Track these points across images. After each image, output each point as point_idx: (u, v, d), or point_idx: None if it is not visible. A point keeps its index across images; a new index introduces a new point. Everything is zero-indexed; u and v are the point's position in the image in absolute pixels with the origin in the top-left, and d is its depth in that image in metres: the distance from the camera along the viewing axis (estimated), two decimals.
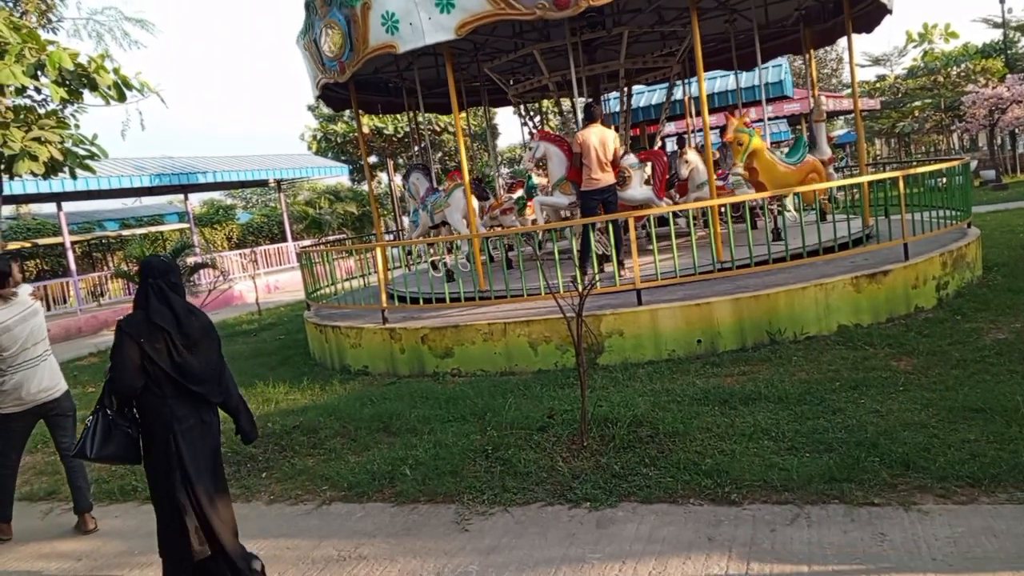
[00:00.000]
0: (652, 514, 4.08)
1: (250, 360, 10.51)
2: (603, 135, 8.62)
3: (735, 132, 8.95)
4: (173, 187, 22.22)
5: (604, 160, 8.57)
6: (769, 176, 9.07)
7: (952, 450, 4.23)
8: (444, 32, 7.97)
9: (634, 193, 9.24)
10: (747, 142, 8.91)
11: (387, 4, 8.22)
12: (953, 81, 32.86)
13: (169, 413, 3.57)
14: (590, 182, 8.63)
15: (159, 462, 3.62)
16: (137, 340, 3.52)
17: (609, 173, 8.67)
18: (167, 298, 3.65)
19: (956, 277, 8.23)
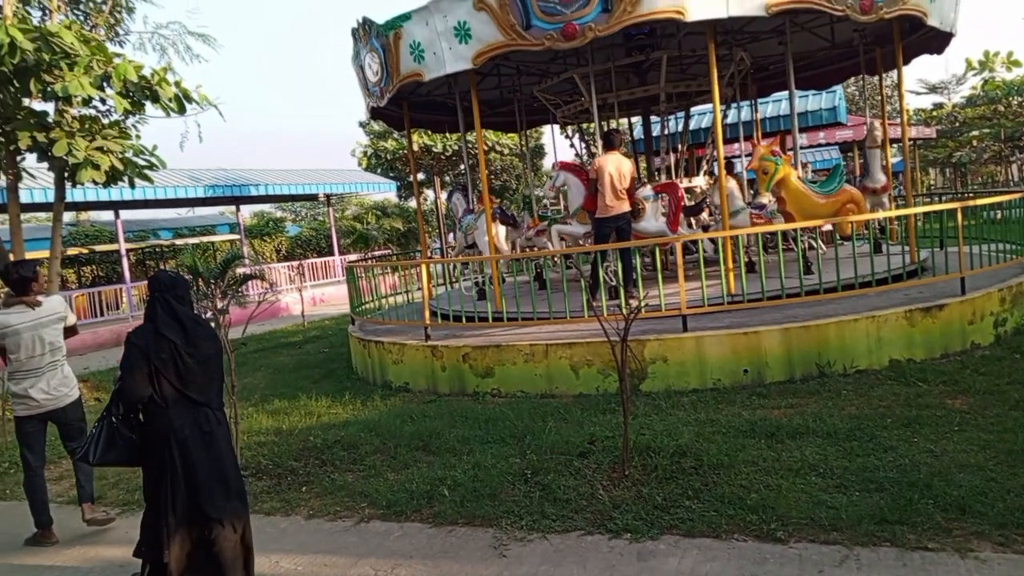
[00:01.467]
0: (695, 548, 3.99)
1: (294, 372, 10.64)
2: (619, 163, 8.66)
3: (760, 160, 8.73)
4: (225, 198, 22.74)
5: (619, 188, 8.58)
6: (798, 206, 8.74)
7: (1012, 495, 4.06)
8: (463, 62, 8.36)
9: (647, 225, 9.14)
10: (773, 170, 8.67)
11: (415, 34, 8.69)
12: (1015, 111, 32.03)
13: (167, 422, 3.71)
14: (604, 209, 8.66)
15: (153, 468, 3.78)
16: (144, 351, 3.68)
17: (624, 201, 8.67)
18: (174, 310, 3.80)
19: (1015, 314, 7.95)
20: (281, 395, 8.89)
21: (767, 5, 7.46)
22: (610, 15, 7.55)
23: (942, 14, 9.00)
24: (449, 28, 8.30)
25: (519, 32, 7.88)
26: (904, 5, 8.27)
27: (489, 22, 8.00)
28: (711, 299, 7.62)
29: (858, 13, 7.96)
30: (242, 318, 7.79)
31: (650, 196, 9.25)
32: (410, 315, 9.31)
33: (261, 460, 6.17)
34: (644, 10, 7.47)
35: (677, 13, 7.43)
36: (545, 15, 7.71)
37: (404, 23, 8.83)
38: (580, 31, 7.67)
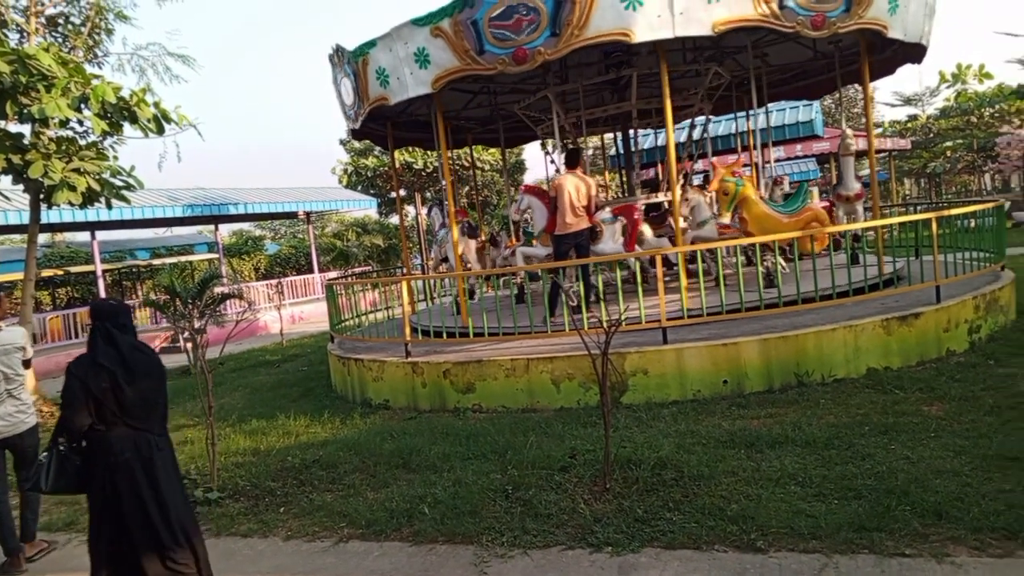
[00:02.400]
0: (676, 560, 3.98)
1: (272, 391, 10.54)
2: (580, 182, 8.79)
3: (721, 182, 8.73)
4: (204, 217, 22.62)
5: (577, 206, 8.71)
6: (759, 227, 8.69)
7: (987, 500, 4.09)
8: (423, 86, 8.62)
9: (605, 247, 9.22)
10: (733, 191, 8.69)
11: (380, 60, 8.97)
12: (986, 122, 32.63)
13: (106, 448, 3.75)
14: (563, 226, 8.79)
15: (94, 494, 3.83)
16: (83, 380, 3.72)
17: (582, 219, 8.78)
18: (113, 339, 3.85)
19: (989, 321, 8.05)
20: (259, 415, 8.80)
21: (713, 25, 7.50)
22: (558, 39, 7.70)
23: (905, 26, 8.87)
24: (410, 54, 8.58)
25: (473, 57, 8.13)
26: (860, 19, 8.17)
27: (445, 48, 8.26)
28: (690, 311, 7.66)
29: (810, 29, 7.91)
30: (220, 337, 7.72)
31: (608, 218, 9.35)
32: (390, 332, 9.28)
33: (238, 481, 6.10)
34: (591, 33, 7.60)
35: (623, 35, 7.54)
36: (497, 41, 7.93)
37: (370, 50, 9.10)
38: (530, 55, 7.87)
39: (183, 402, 10.46)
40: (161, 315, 16.59)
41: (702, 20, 7.49)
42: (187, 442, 7.81)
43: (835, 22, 8.00)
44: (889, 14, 8.44)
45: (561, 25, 7.63)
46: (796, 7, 7.74)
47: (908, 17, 8.79)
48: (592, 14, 7.51)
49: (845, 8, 7.99)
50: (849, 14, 8.04)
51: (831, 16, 7.97)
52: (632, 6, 7.43)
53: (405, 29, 8.53)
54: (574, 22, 7.57)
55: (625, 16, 7.47)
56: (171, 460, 4.01)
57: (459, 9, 7.99)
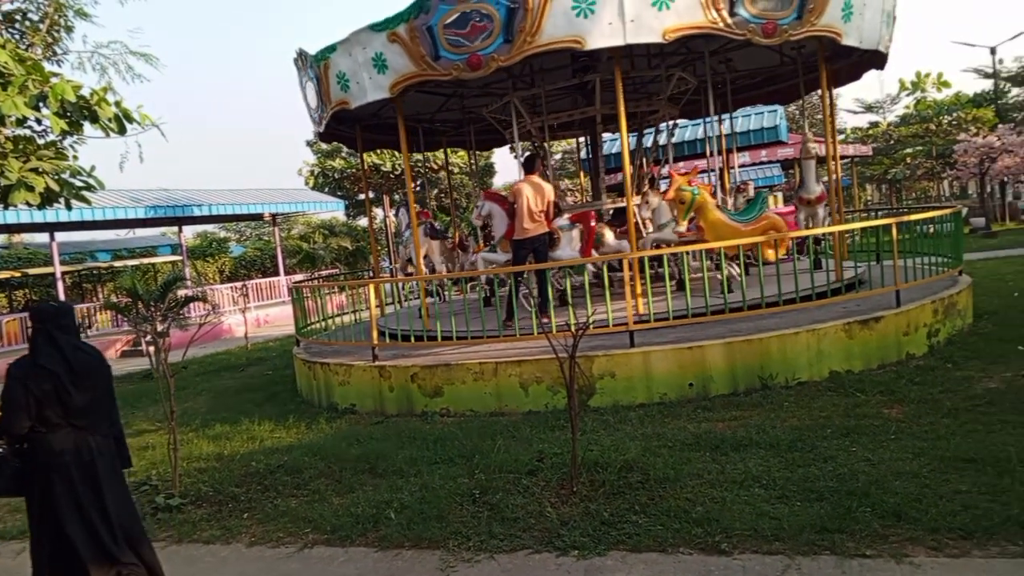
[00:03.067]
0: (641, 563, 4.00)
1: (236, 396, 10.40)
2: (538, 187, 8.85)
3: (677, 191, 8.77)
4: (168, 219, 22.25)
5: (535, 211, 8.78)
6: (716, 235, 8.74)
7: (944, 501, 4.18)
8: (382, 91, 8.71)
9: (562, 253, 9.30)
10: (689, 200, 8.74)
11: (340, 65, 9.09)
12: (945, 129, 33.38)
13: (46, 450, 3.72)
14: (521, 231, 8.86)
15: (32, 495, 3.79)
16: (24, 383, 3.69)
17: (540, 224, 8.85)
18: (55, 340, 3.82)
19: (947, 325, 8.23)
20: (223, 419, 8.67)
21: (664, 32, 7.54)
22: (512, 46, 7.76)
23: (861, 34, 8.88)
24: (368, 59, 8.64)
25: (429, 63, 8.21)
26: (813, 27, 8.19)
27: (402, 54, 8.33)
28: (657, 315, 7.72)
29: (761, 37, 7.92)
30: (184, 341, 7.60)
31: (566, 225, 9.41)
32: (357, 335, 9.21)
33: (201, 487, 6.00)
34: (543, 40, 7.65)
35: (575, 43, 7.60)
36: (451, 47, 8.01)
37: (331, 54, 9.19)
38: (484, 61, 7.93)
39: (145, 407, 10.28)
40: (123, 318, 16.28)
41: (653, 27, 7.53)
42: (148, 447, 7.67)
43: (787, 30, 8.04)
44: (843, 21, 8.49)
45: (514, 32, 7.69)
46: (747, 15, 7.78)
47: (864, 24, 8.85)
48: (544, 21, 7.57)
49: (797, 16, 8.03)
50: (801, 22, 8.07)
51: (782, 24, 7.99)
52: (584, 14, 7.48)
53: (363, 34, 8.61)
54: (527, 29, 7.63)
55: (577, 24, 7.52)
56: (113, 464, 3.95)
57: (414, 15, 8.07)
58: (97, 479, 3.78)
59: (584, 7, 7.45)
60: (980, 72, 37.04)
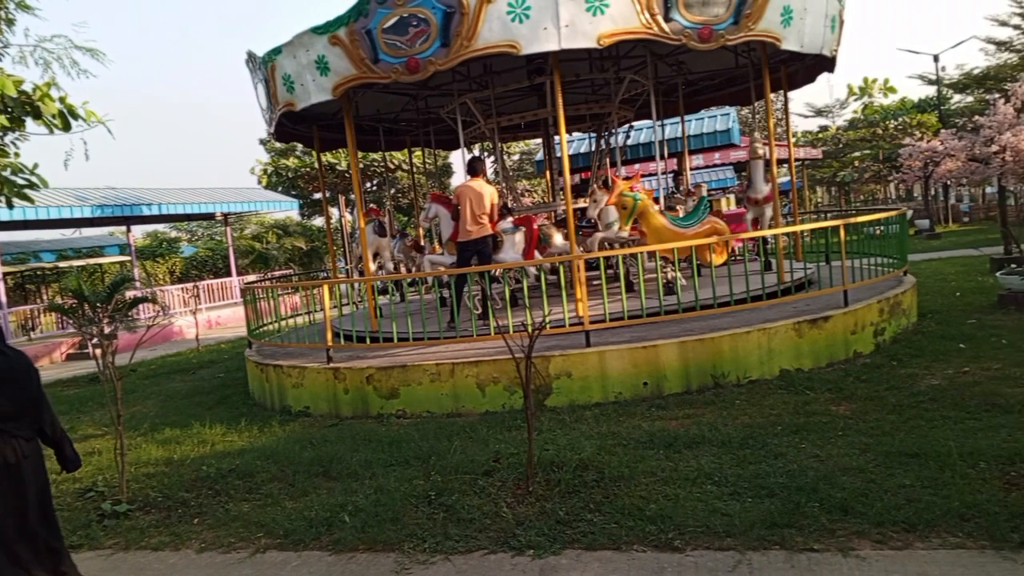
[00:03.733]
0: (596, 562, 4.02)
1: (187, 399, 10.19)
2: (480, 189, 8.94)
3: (619, 196, 8.83)
4: (115, 218, 21.69)
5: (478, 213, 8.87)
6: (657, 239, 8.82)
7: (889, 495, 4.29)
8: (325, 93, 8.74)
9: (505, 256, 9.36)
10: (631, 206, 8.81)
11: (285, 67, 9.14)
12: (891, 133, 34.32)
13: None
14: (464, 234, 8.96)
15: None
16: None
17: (483, 226, 8.95)
18: None
19: (893, 323, 8.46)
20: (172, 423, 8.49)
21: (599, 37, 7.57)
22: (449, 49, 7.80)
23: (802, 38, 8.86)
24: (311, 61, 8.69)
25: (368, 66, 8.25)
26: (751, 32, 8.18)
27: (343, 56, 8.36)
28: (612, 314, 7.79)
29: (697, 42, 7.93)
30: (132, 343, 7.41)
31: (509, 229, 9.47)
32: (311, 337, 9.10)
33: (149, 492, 5.86)
34: (479, 45, 7.69)
35: (511, 47, 7.64)
36: (390, 50, 8.03)
37: (276, 57, 9.22)
38: (422, 65, 7.96)
39: (91, 411, 10.01)
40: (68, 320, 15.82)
41: (587, 33, 7.56)
42: (95, 453, 7.47)
43: (723, 34, 8.04)
44: (782, 26, 8.49)
45: (451, 36, 7.72)
46: (682, 20, 7.79)
47: (805, 29, 8.86)
48: (480, 26, 7.59)
49: (733, 21, 8.03)
50: (738, 27, 8.07)
51: (718, 29, 8.00)
52: (519, 19, 7.51)
53: (306, 37, 8.64)
54: (463, 33, 7.66)
55: (512, 28, 7.56)
56: (38, 469, 3.85)
57: (354, 19, 8.10)
58: (23, 483, 3.68)
59: (519, 12, 7.49)
60: (924, 79, 38.22)
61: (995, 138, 13.00)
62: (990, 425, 5.26)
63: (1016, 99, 13.06)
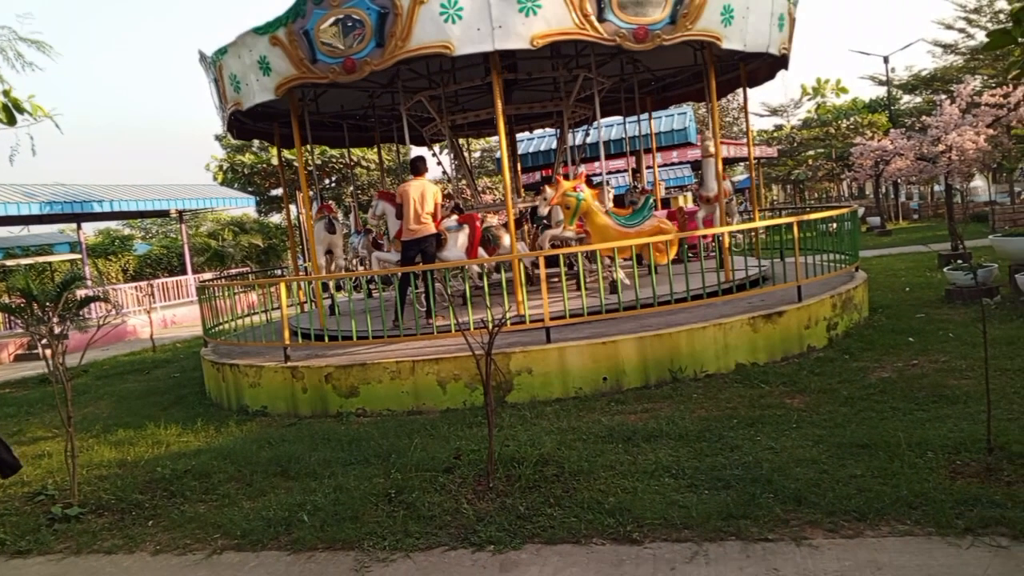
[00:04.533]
0: (556, 555, 4.05)
1: (141, 399, 9.99)
2: (423, 188, 8.99)
3: (563, 196, 8.85)
4: (65, 215, 21.10)
5: (420, 212, 8.92)
6: (602, 238, 8.87)
7: (840, 485, 4.39)
8: (268, 92, 8.84)
9: (449, 254, 9.42)
10: (575, 206, 8.84)
11: (231, 67, 9.26)
12: (843, 133, 35.07)
13: None
14: (407, 232, 9.02)
15: None
16: None
17: (426, 225, 8.99)
18: None
19: (845, 318, 8.66)
20: (126, 424, 8.31)
21: (532, 38, 7.59)
22: (383, 50, 7.84)
23: (745, 37, 8.78)
24: (255, 61, 8.75)
25: (307, 66, 8.32)
26: (689, 31, 8.12)
27: (283, 57, 8.44)
28: (572, 311, 7.84)
29: (632, 42, 7.89)
30: (84, 343, 7.24)
31: (453, 227, 9.49)
32: (268, 336, 8.99)
33: (102, 495, 5.73)
34: (413, 45, 7.73)
35: (444, 48, 7.68)
36: (328, 50, 8.10)
37: (222, 57, 9.32)
38: (358, 65, 8.02)
39: (41, 413, 9.74)
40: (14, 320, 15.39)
41: (520, 33, 7.59)
42: (45, 455, 7.28)
43: (660, 35, 8.00)
44: (723, 26, 8.43)
45: (386, 37, 7.76)
46: (616, 21, 7.76)
47: (748, 27, 8.79)
48: (414, 27, 7.63)
49: (670, 21, 8.00)
50: (675, 27, 8.04)
51: (654, 29, 7.96)
52: (451, 19, 7.55)
53: (248, 37, 8.70)
54: (397, 34, 7.69)
55: (445, 29, 7.59)
56: None
57: (292, 19, 8.19)
58: None
59: (452, 13, 7.52)
60: (875, 80, 39.12)
61: (941, 138, 13.37)
62: (937, 416, 5.42)
63: (961, 100, 13.43)
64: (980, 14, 29.79)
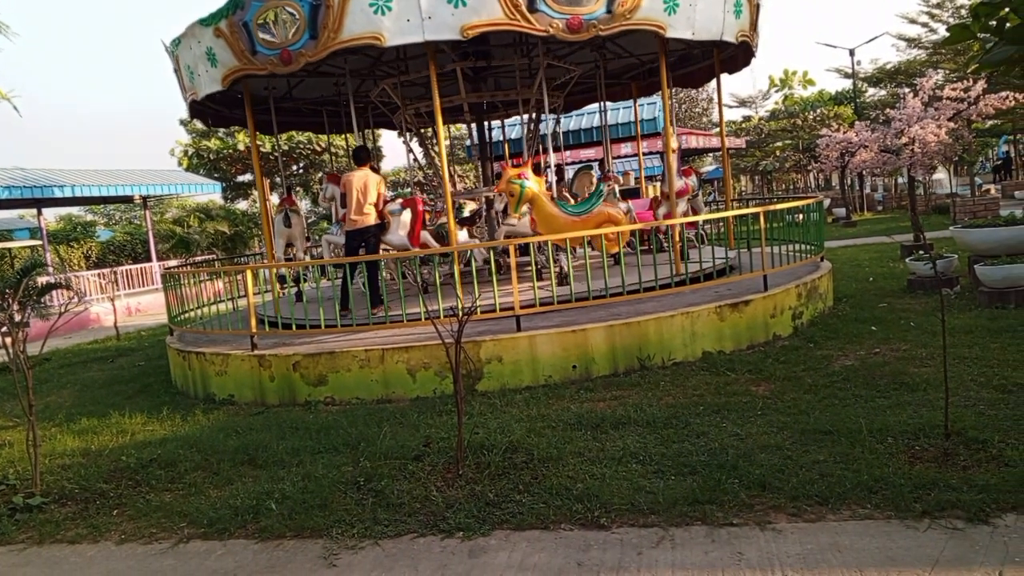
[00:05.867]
0: (524, 541, 4.09)
1: (105, 388, 9.83)
2: (366, 179, 9.01)
3: (507, 183, 8.81)
4: (25, 200, 20.59)
5: (363, 203, 8.94)
6: (547, 227, 8.86)
7: (804, 471, 4.48)
8: (216, 84, 8.96)
9: (392, 238, 9.44)
10: (519, 193, 8.78)
11: (185, 58, 9.42)
12: (810, 124, 35.45)
13: None
14: (350, 223, 9.05)
15: None
16: None
17: (367, 216, 9.00)
18: None
19: (810, 307, 8.80)
20: (90, 413, 8.18)
21: (462, 29, 7.57)
22: (317, 42, 7.88)
23: (693, 25, 8.56)
24: (203, 53, 8.85)
25: (248, 58, 8.41)
26: (627, 21, 7.95)
27: (226, 48, 8.52)
28: (542, 299, 7.86)
29: (567, 33, 7.79)
30: (45, 331, 7.11)
31: (397, 210, 9.49)
32: (235, 324, 8.89)
33: (65, 484, 5.65)
34: (345, 36, 7.75)
35: (375, 39, 7.69)
36: (265, 42, 8.21)
37: (177, 48, 9.45)
38: (294, 56, 8.08)
39: (0, 402, 9.55)
40: None
41: (450, 24, 7.57)
42: (5, 445, 7.15)
43: (596, 24, 7.85)
44: (667, 14, 8.25)
45: (319, 28, 7.79)
46: (548, 10, 7.67)
47: (696, 15, 8.56)
48: (345, 18, 7.64)
49: (606, 10, 7.85)
50: (612, 16, 7.88)
51: (589, 19, 7.81)
52: (380, 11, 7.55)
53: (196, 28, 8.78)
54: (329, 26, 7.72)
55: (375, 20, 7.59)
56: None
57: (232, 12, 8.24)
58: None
59: (381, 4, 7.52)
60: (841, 72, 39.62)
61: (904, 130, 13.61)
62: (898, 403, 5.55)
63: (924, 94, 13.68)
64: (942, 9, 30.29)
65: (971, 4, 3.49)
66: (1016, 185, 30.09)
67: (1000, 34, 3.25)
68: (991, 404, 5.30)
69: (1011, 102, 13.27)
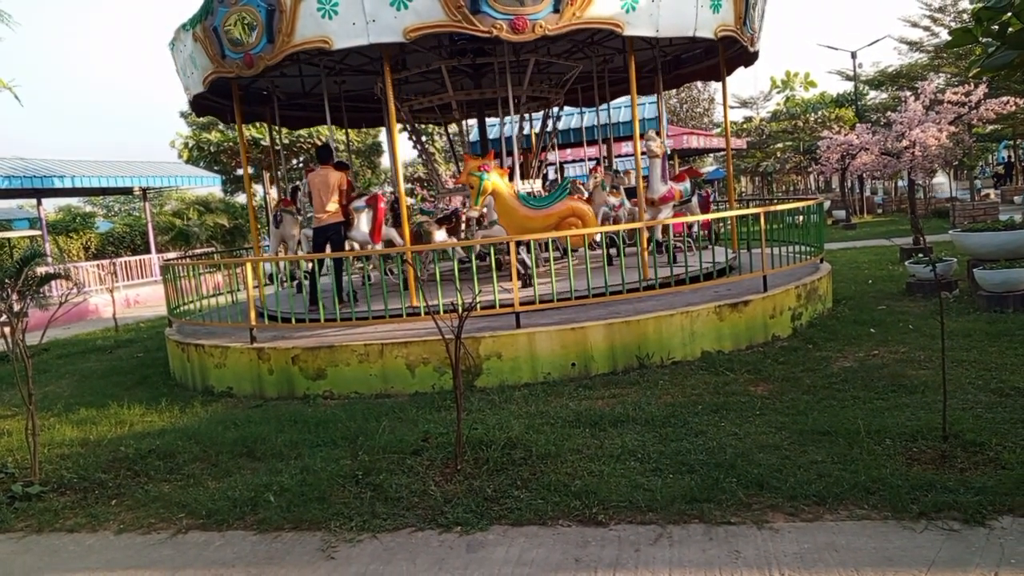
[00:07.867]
0: (522, 536, 4.10)
1: (104, 379, 9.83)
2: (327, 177, 9.17)
3: (468, 175, 8.80)
4: (25, 191, 20.57)
5: (325, 201, 9.13)
6: (508, 220, 8.83)
7: (801, 470, 4.50)
8: (199, 85, 9.56)
9: (356, 234, 9.51)
10: (478, 185, 8.73)
11: (177, 58, 10.09)
12: (811, 126, 35.49)
13: None
14: (316, 220, 9.26)
15: None
16: None
17: (331, 214, 9.16)
18: None
19: (809, 308, 8.82)
20: (89, 403, 8.18)
21: (405, 31, 7.58)
22: (274, 46, 8.14)
23: (656, 22, 8.16)
24: (189, 54, 9.42)
25: (219, 61, 8.82)
26: (578, 19, 7.74)
27: (202, 52, 9.02)
28: (542, 296, 7.88)
29: (511, 33, 7.62)
30: (44, 321, 7.11)
31: (361, 207, 9.54)
32: (234, 316, 8.90)
33: (64, 474, 5.65)
34: (297, 40, 7.97)
35: (324, 42, 7.85)
36: (232, 46, 8.54)
37: (171, 49, 10.04)
38: (255, 60, 8.39)
39: (0, 391, 9.55)
40: None
41: (393, 27, 7.59)
42: (4, 434, 7.15)
43: (542, 24, 7.64)
44: (624, 11, 7.91)
45: (275, 33, 8.02)
46: (491, 11, 7.53)
47: (660, 12, 8.14)
48: (296, 23, 7.86)
49: (553, 9, 7.63)
50: (560, 15, 7.65)
51: (534, 18, 7.61)
52: (328, 15, 7.69)
53: (181, 32, 9.34)
54: (283, 30, 7.95)
55: (323, 24, 7.74)
56: None
57: (203, 17, 8.65)
58: None
59: (328, 8, 7.66)
60: (843, 75, 39.63)
61: (905, 133, 13.62)
62: (896, 404, 5.57)
63: (925, 97, 13.68)
64: (944, 13, 30.32)
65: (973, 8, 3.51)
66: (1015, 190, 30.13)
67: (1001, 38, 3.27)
68: (989, 407, 5.32)
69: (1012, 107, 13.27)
